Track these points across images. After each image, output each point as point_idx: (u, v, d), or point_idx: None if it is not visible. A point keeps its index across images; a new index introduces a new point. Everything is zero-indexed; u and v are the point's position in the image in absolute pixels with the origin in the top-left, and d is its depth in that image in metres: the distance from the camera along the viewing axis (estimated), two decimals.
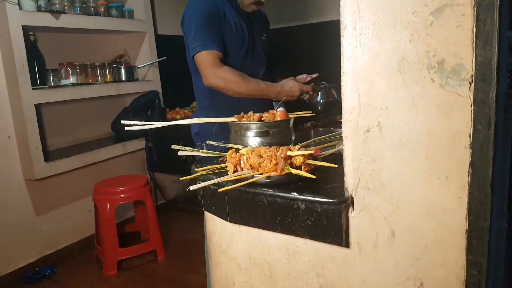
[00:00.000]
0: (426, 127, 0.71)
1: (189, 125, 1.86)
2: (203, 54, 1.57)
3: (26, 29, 2.34)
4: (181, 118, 3.15)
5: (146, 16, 3.12)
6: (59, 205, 2.71)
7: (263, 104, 1.67)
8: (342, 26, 0.75)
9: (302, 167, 0.89)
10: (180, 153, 1.16)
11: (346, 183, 0.81)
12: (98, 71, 2.82)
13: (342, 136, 0.81)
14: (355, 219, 0.81)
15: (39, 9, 2.42)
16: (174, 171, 3.36)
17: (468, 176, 0.68)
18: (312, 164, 0.91)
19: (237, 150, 1.07)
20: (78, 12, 2.65)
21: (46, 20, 2.41)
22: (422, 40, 0.68)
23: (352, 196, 0.80)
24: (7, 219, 2.40)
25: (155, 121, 2.89)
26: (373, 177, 0.77)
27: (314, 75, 1.75)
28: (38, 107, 2.42)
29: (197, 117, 1.77)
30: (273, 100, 2.16)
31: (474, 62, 0.65)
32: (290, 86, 1.63)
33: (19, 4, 2.26)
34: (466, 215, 0.70)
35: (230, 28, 1.64)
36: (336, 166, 0.85)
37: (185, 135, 1.88)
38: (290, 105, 1.65)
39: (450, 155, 0.70)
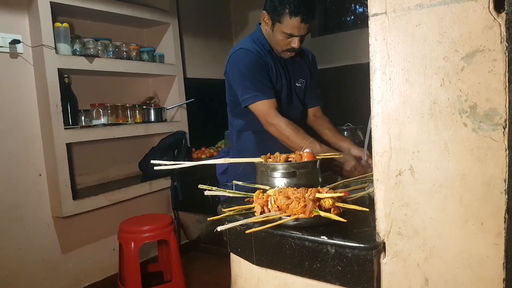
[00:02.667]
0: (460, 172, 0.70)
1: (214, 165, 1.88)
2: (257, 104, 1.62)
3: (61, 72, 2.46)
4: (207, 158, 3.19)
5: (175, 60, 3.25)
6: (84, 243, 2.73)
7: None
8: (371, 71, 0.76)
9: (332, 210, 0.88)
10: (206, 192, 1.16)
11: (378, 227, 0.79)
12: (128, 112, 2.92)
13: (371, 179, 0.81)
14: (387, 265, 0.78)
15: (74, 53, 2.56)
16: (198, 211, 3.37)
17: (505, 222, 0.66)
18: (342, 208, 0.89)
19: (264, 190, 1.07)
20: (111, 56, 2.78)
21: (80, 63, 2.54)
22: (454, 85, 0.69)
23: (384, 242, 0.78)
24: (34, 256, 2.43)
25: (182, 160, 2.94)
26: (406, 222, 0.75)
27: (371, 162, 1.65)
28: (69, 146, 2.51)
29: (224, 157, 1.80)
30: None
31: (507, 106, 0.65)
32: (352, 166, 1.47)
33: (55, 48, 2.40)
34: (503, 263, 0.67)
35: (272, 77, 1.70)
36: (368, 210, 0.83)
37: (210, 175, 1.90)
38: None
39: (485, 201, 0.68)
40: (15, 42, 2.28)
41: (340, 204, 0.89)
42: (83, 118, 2.64)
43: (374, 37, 0.76)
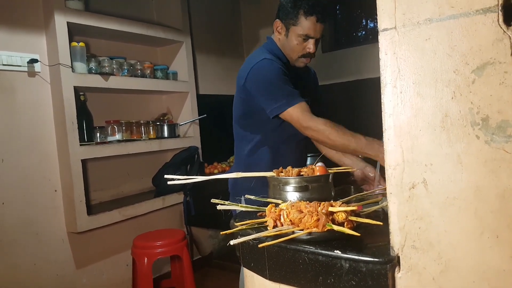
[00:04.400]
0: (473, 184, 0.69)
1: (226, 180, 1.88)
2: (289, 111, 1.56)
3: (77, 90, 2.52)
4: (219, 173, 3.21)
5: (188, 77, 3.30)
6: (98, 259, 2.75)
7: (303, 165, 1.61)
8: (382, 85, 0.77)
9: (345, 224, 0.88)
10: (219, 207, 1.17)
11: (392, 241, 0.78)
12: (142, 128, 2.97)
13: (384, 193, 0.81)
14: (402, 279, 0.78)
15: (90, 71, 2.62)
16: (210, 226, 3.37)
17: None
18: (355, 221, 0.89)
19: (276, 204, 1.08)
20: (125, 74, 2.85)
21: (96, 81, 2.60)
22: (465, 98, 0.69)
23: (399, 256, 0.77)
24: (48, 271, 2.45)
25: (194, 175, 2.96)
26: (420, 235, 0.75)
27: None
28: (84, 162, 2.55)
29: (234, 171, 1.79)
30: (308, 155, 2.16)
31: None
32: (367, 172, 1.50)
33: (72, 67, 2.46)
34: None
35: None
36: (381, 223, 0.83)
37: (222, 190, 1.91)
38: (329, 161, 1.65)
39: (500, 213, 0.67)
40: (33, 61, 2.36)
41: (354, 218, 0.89)
42: (98, 134, 2.69)
43: (384, 51, 0.77)
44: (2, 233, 2.25)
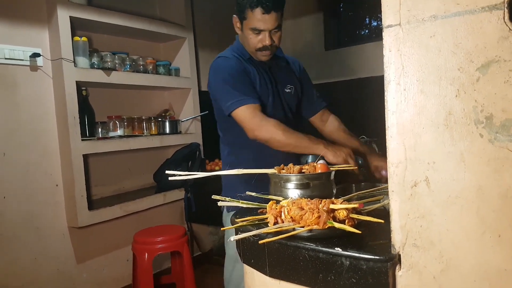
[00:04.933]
0: (476, 183, 0.69)
1: None
2: (242, 109, 1.54)
3: (79, 85, 2.52)
4: (220, 169, 3.20)
5: (191, 73, 3.30)
6: (99, 254, 2.75)
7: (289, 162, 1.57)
8: (386, 82, 0.76)
9: (346, 221, 0.87)
10: (220, 203, 1.17)
11: (393, 239, 0.78)
12: (144, 124, 2.97)
13: (386, 191, 0.80)
14: (403, 278, 0.77)
15: (92, 66, 2.61)
16: (211, 222, 3.37)
17: None
18: (356, 219, 0.89)
19: (277, 201, 1.07)
20: (128, 69, 2.84)
21: (98, 76, 2.59)
22: (469, 96, 0.68)
23: (400, 254, 0.77)
24: (49, 266, 2.45)
25: (196, 171, 2.95)
26: (421, 234, 0.74)
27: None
28: (85, 157, 2.55)
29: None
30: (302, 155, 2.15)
31: None
32: (336, 149, 1.44)
33: (74, 62, 2.46)
34: None
35: (256, 84, 1.65)
36: (383, 221, 0.82)
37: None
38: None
39: (502, 212, 0.67)
40: (35, 55, 2.35)
41: (355, 216, 0.88)
42: (100, 130, 2.69)
43: (389, 48, 0.76)
44: (3, 227, 2.25)
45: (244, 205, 1.17)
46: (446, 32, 0.71)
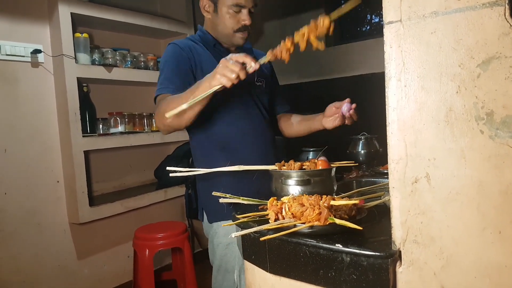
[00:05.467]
0: (477, 180, 0.69)
1: None
2: (158, 98, 1.44)
3: (80, 81, 2.52)
4: None
5: None
6: (100, 250, 2.76)
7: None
8: (386, 78, 0.76)
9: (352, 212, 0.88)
10: (221, 200, 1.17)
11: (394, 236, 0.78)
12: (145, 120, 2.97)
13: (386, 187, 0.80)
14: (403, 274, 0.77)
15: (93, 62, 2.62)
16: None
17: None
18: (358, 216, 0.89)
19: (278, 198, 1.07)
20: (129, 66, 2.84)
21: (99, 73, 2.59)
22: (470, 92, 0.68)
23: (400, 250, 0.77)
24: (50, 262, 2.46)
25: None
26: (422, 230, 0.74)
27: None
28: (86, 153, 2.55)
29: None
30: (310, 149, 2.10)
31: None
32: (221, 62, 1.20)
33: (75, 58, 2.46)
34: None
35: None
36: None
37: None
38: (332, 155, 1.64)
39: (503, 209, 0.67)
40: (36, 51, 2.35)
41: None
42: (101, 126, 2.69)
43: (389, 44, 0.76)
44: (5, 223, 2.26)
45: (245, 202, 1.17)
46: (447, 28, 0.70)
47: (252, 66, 1.19)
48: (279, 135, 1.75)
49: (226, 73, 1.17)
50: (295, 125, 1.69)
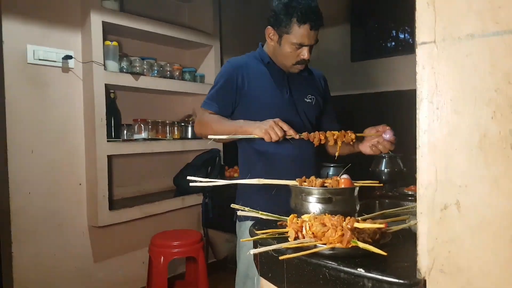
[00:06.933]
0: (510, 209, 0.66)
1: None
2: (200, 109, 1.67)
3: (108, 87, 2.57)
4: (239, 176, 3.20)
5: None
6: (116, 254, 2.78)
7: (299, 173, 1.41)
8: (418, 99, 0.74)
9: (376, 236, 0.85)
10: (239, 212, 1.16)
11: (419, 263, 0.75)
12: (168, 128, 3.00)
13: (412, 211, 0.78)
14: None
15: (121, 70, 2.67)
16: (227, 229, 3.35)
17: None
18: (381, 240, 0.86)
19: (299, 215, 1.05)
20: (155, 75, 2.88)
21: (126, 80, 2.64)
22: (506, 118, 0.66)
23: (425, 279, 0.74)
24: (67, 263, 2.49)
25: (214, 177, 2.95)
26: (449, 259, 0.71)
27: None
28: (109, 157, 2.59)
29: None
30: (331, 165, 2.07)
31: None
32: (270, 122, 1.41)
33: (104, 65, 2.52)
34: None
35: (261, 86, 1.64)
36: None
37: None
38: (354, 172, 1.61)
39: None
40: (67, 57, 2.41)
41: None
42: (125, 132, 2.74)
43: (422, 65, 0.75)
44: (27, 222, 2.30)
45: (264, 216, 1.16)
46: (483, 51, 0.68)
47: (292, 135, 1.41)
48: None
49: (270, 132, 1.39)
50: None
